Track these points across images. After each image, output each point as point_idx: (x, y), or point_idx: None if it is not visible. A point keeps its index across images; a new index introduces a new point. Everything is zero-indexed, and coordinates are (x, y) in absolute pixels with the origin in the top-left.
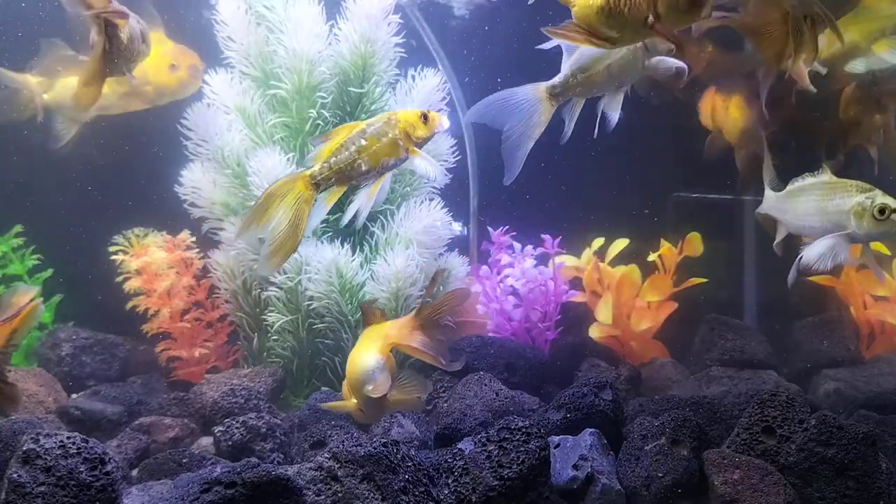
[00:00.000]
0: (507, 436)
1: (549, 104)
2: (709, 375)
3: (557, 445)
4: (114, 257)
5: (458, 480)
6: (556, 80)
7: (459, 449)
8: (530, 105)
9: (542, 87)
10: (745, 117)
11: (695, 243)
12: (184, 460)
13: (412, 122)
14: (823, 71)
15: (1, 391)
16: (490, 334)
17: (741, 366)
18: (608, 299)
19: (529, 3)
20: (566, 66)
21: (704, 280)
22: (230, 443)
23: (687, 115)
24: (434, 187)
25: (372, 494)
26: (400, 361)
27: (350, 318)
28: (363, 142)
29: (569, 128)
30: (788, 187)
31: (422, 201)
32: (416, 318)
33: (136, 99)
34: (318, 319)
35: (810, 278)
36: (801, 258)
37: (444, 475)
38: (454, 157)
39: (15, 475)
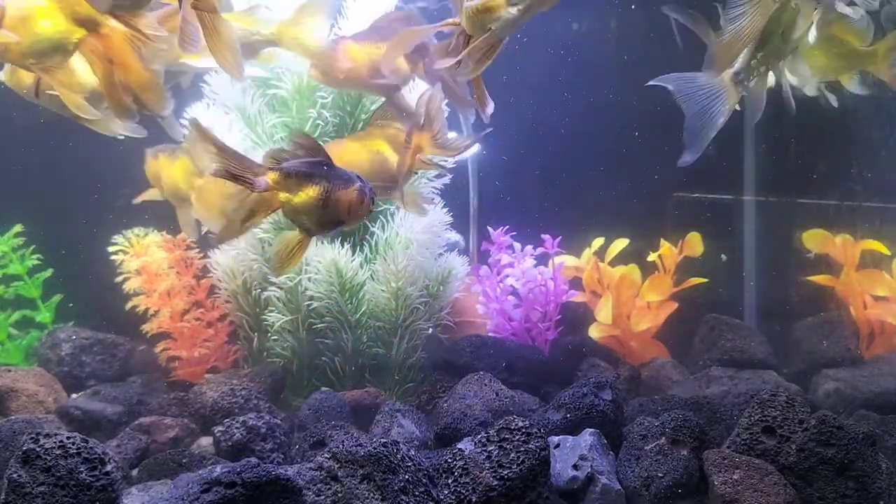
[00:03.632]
0: (507, 436)
1: (736, 91)
2: (709, 375)
3: (557, 445)
4: (114, 257)
5: (458, 480)
6: (738, 66)
7: (459, 449)
8: (716, 93)
9: (727, 75)
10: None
11: (695, 243)
12: (184, 460)
13: None
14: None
15: None
16: (490, 334)
17: (741, 366)
18: (608, 299)
19: None
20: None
21: (704, 280)
22: (230, 443)
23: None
24: (434, 187)
25: (372, 494)
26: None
27: (350, 318)
28: None
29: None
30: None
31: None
32: None
33: None
34: (318, 319)
35: (810, 278)
36: None
37: (444, 475)
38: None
39: (15, 475)
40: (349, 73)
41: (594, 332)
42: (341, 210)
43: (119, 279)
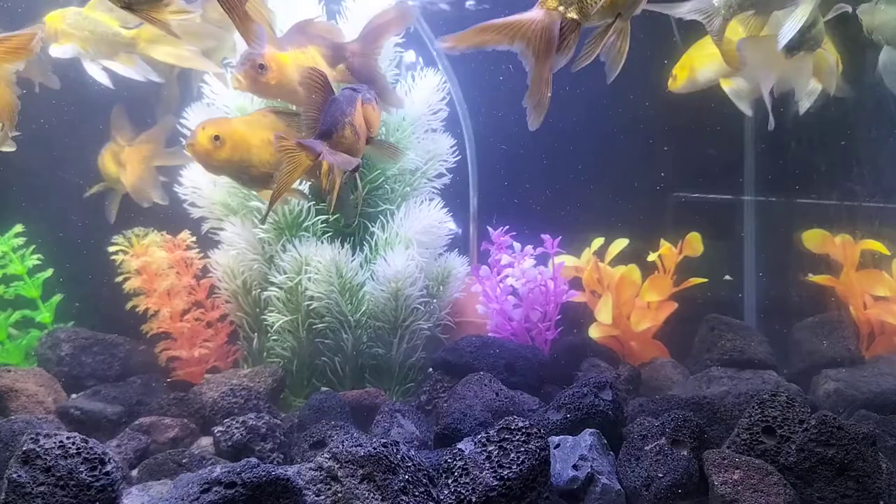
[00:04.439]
0: (506, 436)
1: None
2: (709, 375)
3: (557, 445)
4: (114, 257)
5: (458, 481)
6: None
7: (459, 449)
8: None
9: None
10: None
11: (695, 243)
12: (184, 460)
13: None
14: None
15: None
16: (490, 334)
17: (741, 366)
18: (608, 299)
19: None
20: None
21: (704, 280)
22: (230, 443)
23: (688, 114)
24: (434, 187)
25: (372, 495)
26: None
27: (350, 318)
28: None
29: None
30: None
31: (422, 201)
32: None
33: None
34: (318, 319)
35: (810, 278)
36: None
37: (444, 475)
38: (454, 157)
39: (15, 475)
40: (281, 80)
41: (594, 332)
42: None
43: (119, 279)
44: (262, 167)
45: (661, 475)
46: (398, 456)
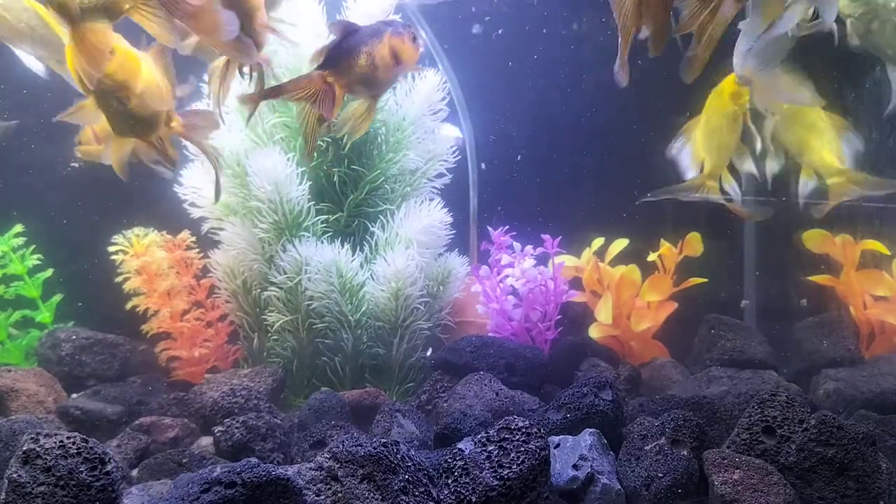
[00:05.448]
0: (507, 436)
1: None
2: (709, 375)
3: (557, 445)
4: (114, 257)
5: (458, 480)
6: None
7: (459, 449)
8: None
9: None
10: None
11: (694, 243)
12: (184, 460)
13: None
14: None
15: None
16: (490, 334)
17: (741, 366)
18: (608, 299)
19: None
20: None
21: (704, 280)
22: (230, 443)
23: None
24: (434, 187)
25: (372, 494)
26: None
27: (350, 318)
28: None
29: None
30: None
31: (422, 201)
32: None
33: None
34: (318, 319)
35: (810, 278)
36: None
37: (444, 475)
38: (454, 157)
39: (15, 475)
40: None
41: (594, 332)
42: (392, 61)
43: (119, 279)
44: (138, 108)
45: (661, 475)
46: (398, 456)
